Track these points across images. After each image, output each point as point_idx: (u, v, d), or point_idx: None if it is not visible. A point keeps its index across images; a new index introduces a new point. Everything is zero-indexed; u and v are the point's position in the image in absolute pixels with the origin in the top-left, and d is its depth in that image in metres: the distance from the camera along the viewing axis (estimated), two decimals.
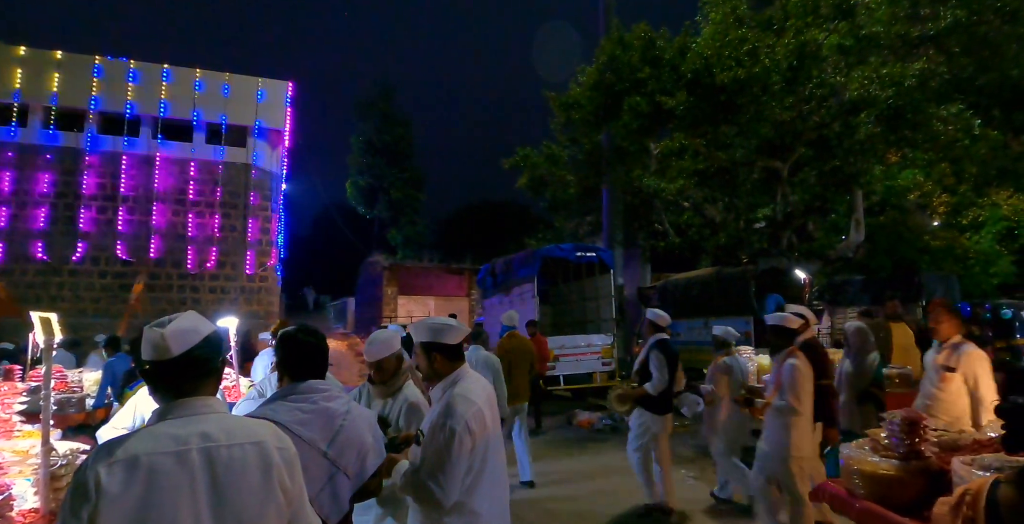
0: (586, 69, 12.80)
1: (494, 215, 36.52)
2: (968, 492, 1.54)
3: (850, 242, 13.20)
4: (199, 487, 1.40)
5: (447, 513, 2.32)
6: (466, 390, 2.43)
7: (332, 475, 2.03)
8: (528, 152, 15.04)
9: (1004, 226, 21.01)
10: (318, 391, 2.12)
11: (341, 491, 2.05)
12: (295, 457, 1.60)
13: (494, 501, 2.46)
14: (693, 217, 14.58)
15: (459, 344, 2.55)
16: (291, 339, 2.25)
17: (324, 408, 2.08)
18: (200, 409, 1.50)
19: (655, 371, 5.37)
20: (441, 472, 2.25)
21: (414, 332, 2.57)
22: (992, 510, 1.43)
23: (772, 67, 9.85)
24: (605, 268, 12.21)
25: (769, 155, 11.73)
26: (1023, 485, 1.41)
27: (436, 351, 2.50)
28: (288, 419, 1.98)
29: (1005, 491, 1.43)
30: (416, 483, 2.30)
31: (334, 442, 2.05)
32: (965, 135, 9.73)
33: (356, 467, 2.11)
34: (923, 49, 10.19)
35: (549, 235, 20.41)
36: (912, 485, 3.15)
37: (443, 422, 2.30)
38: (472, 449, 2.33)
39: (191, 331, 1.55)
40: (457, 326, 2.55)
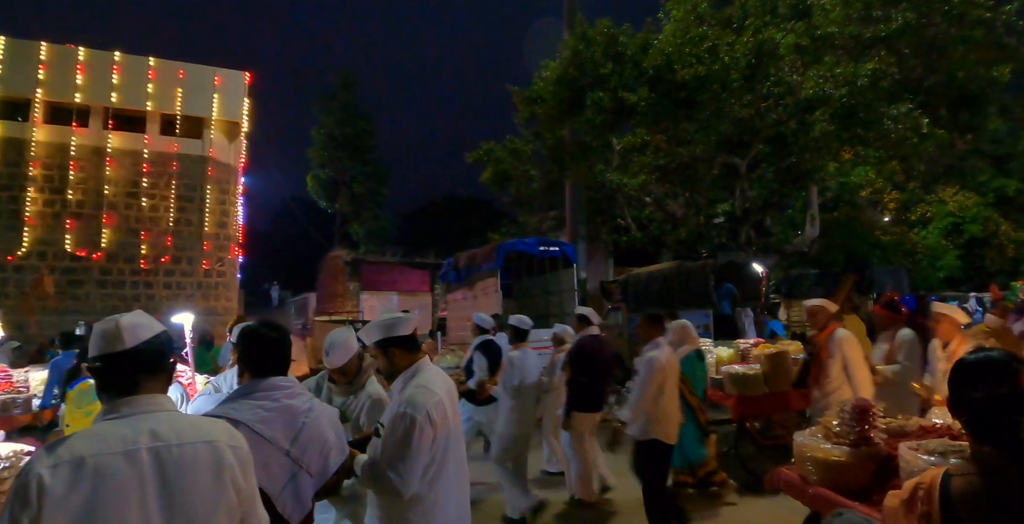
0: (550, 64, 12.82)
1: (458, 210, 36.44)
2: (921, 486, 1.52)
3: (805, 237, 13.55)
4: (148, 488, 1.36)
5: (408, 506, 2.31)
6: (427, 381, 2.43)
7: (295, 474, 2.00)
8: (492, 146, 15.01)
9: (950, 222, 21.88)
10: (280, 388, 2.08)
11: (304, 489, 2.02)
12: (249, 456, 1.57)
13: (455, 493, 2.47)
14: (655, 212, 14.76)
15: (413, 334, 2.54)
16: (253, 334, 2.20)
17: (286, 406, 2.05)
18: (149, 407, 1.46)
19: (476, 369, 6.10)
20: (401, 462, 2.25)
21: (366, 337, 2.55)
22: (946, 503, 1.43)
23: (731, 65, 10.04)
24: (568, 262, 12.28)
25: (728, 151, 11.95)
26: (974, 477, 1.43)
27: (393, 346, 2.49)
28: (250, 417, 1.94)
29: (958, 484, 1.44)
30: (376, 474, 2.29)
31: (297, 440, 2.01)
32: (914, 134, 10.09)
33: (319, 465, 2.08)
34: (875, 50, 10.52)
35: (513, 230, 20.43)
36: (862, 470, 3.27)
37: (404, 412, 2.29)
38: (433, 440, 2.33)
39: (145, 325, 1.53)
40: (405, 317, 2.54)
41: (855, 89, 9.67)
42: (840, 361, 4.75)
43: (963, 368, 1.55)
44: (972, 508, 1.40)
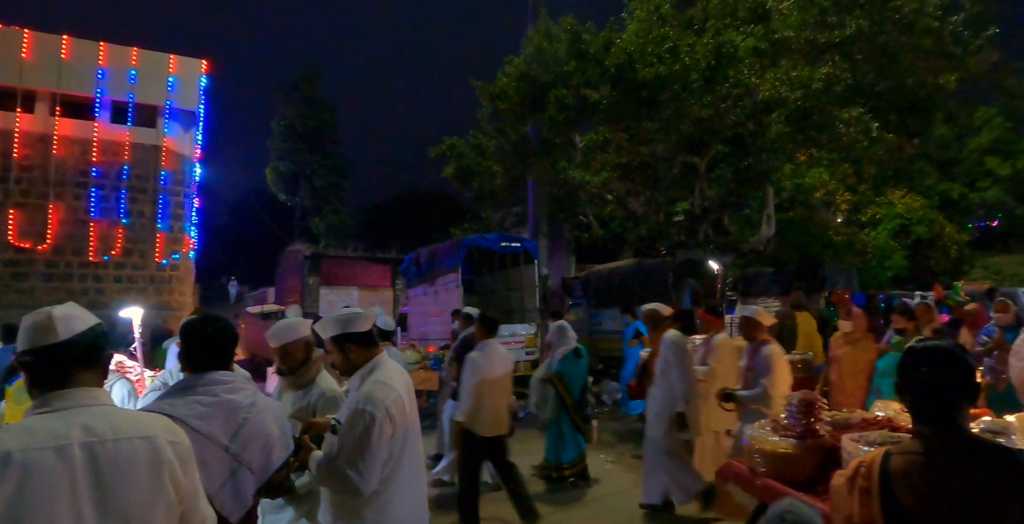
0: (514, 59, 12.81)
1: (421, 204, 36.18)
2: (863, 464, 1.62)
3: (761, 236, 13.87)
4: (81, 485, 1.31)
5: (363, 503, 2.29)
6: (385, 377, 2.41)
7: (234, 470, 1.95)
8: (455, 141, 14.94)
9: (898, 223, 22.68)
10: (220, 383, 2.03)
11: (244, 486, 1.98)
12: (189, 451, 1.53)
13: (411, 490, 2.45)
14: (616, 209, 14.91)
15: (371, 331, 2.52)
16: (193, 328, 2.15)
17: (226, 401, 2.00)
18: (83, 401, 1.41)
19: None
20: (361, 459, 2.22)
21: (322, 330, 2.51)
22: (884, 479, 1.52)
23: (692, 66, 10.20)
24: (530, 258, 12.33)
25: (688, 151, 12.14)
26: (912, 456, 1.53)
27: (349, 342, 2.46)
28: (186, 413, 1.88)
29: (895, 461, 1.54)
30: (334, 472, 2.25)
31: (237, 436, 1.97)
32: (864, 137, 10.41)
33: (261, 461, 2.04)
34: (829, 55, 10.80)
35: (476, 225, 20.39)
36: (807, 462, 3.37)
37: (363, 409, 2.27)
38: (392, 436, 2.32)
39: (79, 317, 1.48)
40: (364, 313, 2.52)
41: (810, 92, 9.93)
42: (664, 361, 5.10)
43: (911, 354, 1.64)
44: (907, 483, 1.50)
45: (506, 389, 4.94)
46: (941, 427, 1.53)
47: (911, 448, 1.57)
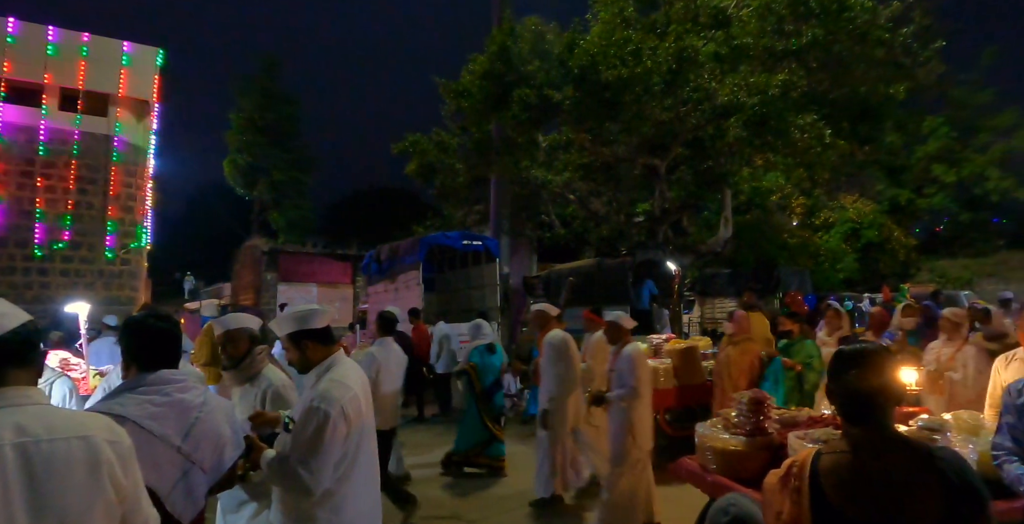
0: (478, 57, 12.78)
1: (383, 201, 35.86)
2: (795, 464, 1.65)
3: (719, 238, 14.15)
4: (12, 487, 1.26)
5: (316, 503, 2.26)
6: (342, 375, 2.39)
7: (186, 470, 1.91)
8: (417, 138, 14.83)
9: (849, 227, 23.45)
10: (171, 382, 1.98)
11: (196, 486, 1.94)
12: (130, 451, 1.49)
13: (365, 491, 2.43)
14: (578, 209, 15.03)
15: (328, 327, 2.49)
16: (139, 325, 2.08)
17: (178, 400, 1.95)
18: (15, 400, 1.36)
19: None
20: (313, 458, 2.19)
21: (278, 328, 2.48)
22: (814, 478, 1.56)
23: (654, 69, 10.33)
24: (491, 257, 12.34)
25: (649, 153, 12.31)
26: (841, 455, 1.57)
27: (306, 339, 2.42)
28: (138, 413, 1.84)
29: (825, 460, 1.58)
30: (285, 470, 2.22)
31: (189, 436, 1.93)
32: (818, 143, 10.71)
33: (213, 461, 2.00)
34: (786, 62, 11.06)
35: (438, 223, 20.30)
36: (756, 458, 3.46)
37: (317, 407, 2.24)
38: (347, 436, 2.29)
39: (9, 314, 1.42)
40: (321, 309, 2.49)
41: (767, 98, 10.17)
42: (544, 360, 5.45)
43: (839, 357, 1.69)
44: (836, 482, 1.54)
45: (397, 385, 5.25)
46: (868, 427, 1.58)
47: (839, 447, 1.61)
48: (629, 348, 4.74)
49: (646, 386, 4.68)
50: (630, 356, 4.67)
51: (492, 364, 6.66)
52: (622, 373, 4.66)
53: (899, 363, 4.49)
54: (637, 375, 4.58)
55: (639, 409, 4.63)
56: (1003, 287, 21.10)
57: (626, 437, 4.59)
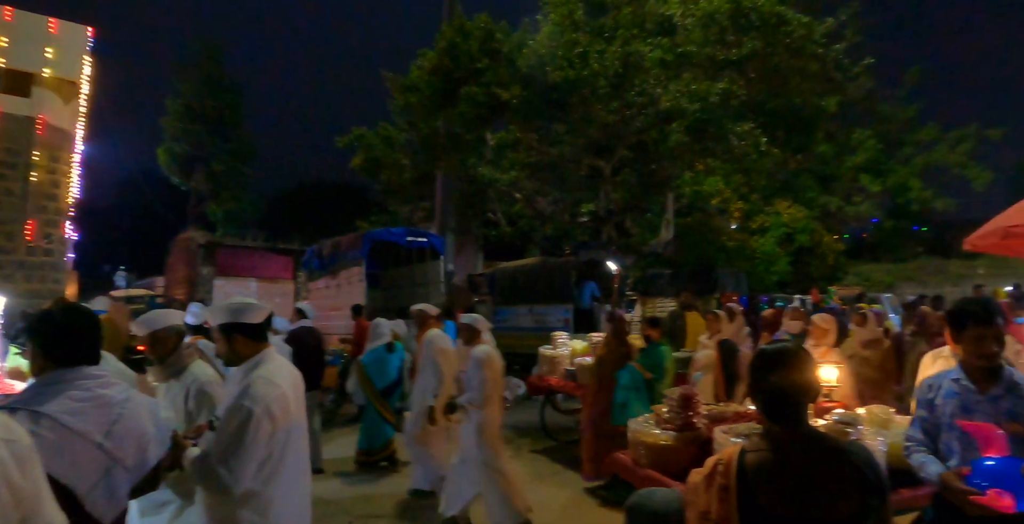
0: (427, 53, 12.70)
1: (326, 195, 35.12)
2: (720, 462, 1.69)
3: (661, 239, 14.50)
4: None
5: (240, 504, 2.20)
6: (269, 373, 2.33)
7: (108, 469, 1.84)
8: (364, 132, 14.63)
9: (783, 232, 24.38)
10: (91, 377, 1.89)
11: (118, 486, 1.86)
12: (30, 450, 1.41)
13: (293, 491, 2.38)
14: (524, 208, 15.12)
15: (262, 324, 2.45)
16: (52, 319, 1.96)
17: (99, 396, 1.87)
18: None
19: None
20: (234, 457, 2.14)
21: (211, 315, 2.42)
22: (741, 476, 1.61)
23: (600, 72, 10.52)
24: (436, 254, 12.29)
25: (595, 154, 12.51)
26: (764, 453, 1.63)
27: (237, 332, 2.36)
28: (56, 409, 1.76)
29: (751, 458, 1.63)
30: (205, 469, 2.16)
31: (111, 433, 1.85)
32: (754, 151, 11.13)
33: (136, 459, 1.93)
34: (727, 71, 11.43)
35: (383, 218, 20.06)
36: (685, 453, 3.58)
37: (241, 405, 2.18)
38: (272, 434, 2.24)
39: None
40: (259, 305, 2.44)
41: (707, 105, 10.50)
42: (423, 358, 5.64)
43: (761, 357, 1.75)
44: (762, 479, 1.59)
45: None
46: (788, 425, 1.64)
47: (762, 446, 1.66)
48: (476, 351, 4.72)
49: (493, 389, 4.63)
50: (476, 359, 4.64)
51: (391, 363, 6.60)
52: (469, 377, 4.68)
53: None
54: (480, 378, 4.56)
55: (487, 412, 4.64)
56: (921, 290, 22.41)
57: (477, 438, 4.64)
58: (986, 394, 2.35)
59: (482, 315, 13.73)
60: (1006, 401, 2.30)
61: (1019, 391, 2.30)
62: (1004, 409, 2.29)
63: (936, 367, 3.94)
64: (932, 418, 2.50)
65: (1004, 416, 2.28)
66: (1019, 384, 2.32)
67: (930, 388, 2.55)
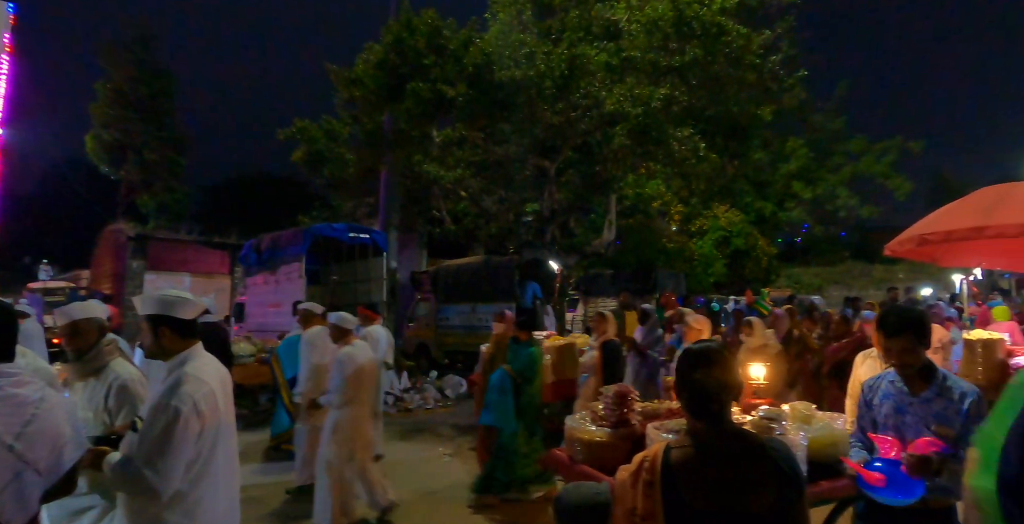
0: (373, 46, 12.52)
1: (267, 188, 34.17)
2: (646, 458, 1.72)
3: (604, 240, 14.75)
4: None
5: (166, 505, 2.12)
6: (197, 369, 2.26)
7: (19, 472, 1.75)
8: (306, 125, 14.30)
9: (720, 235, 25.26)
10: (4, 375, 1.81)
11: (29, 490, 1.78)
12: None
13: (222, 492, 2.32)
14: (469, 206, 15.10)
15: (193, 320, 2.38)
16: None
17: (11, 395, 1.79)
18: None
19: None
20: (160, 458, 2.06)
21: (141, 305, 2.33)
22: (666, 471, 1.65)
23: (546, 73, 10.61)
24: (379, 250, 12.17)
25: (540, 154, 12.61)
26: (688, 449, 1.68)
27: (165, 325, 2.29)
28: None
29: (676, 455, 1.67)
30: (129, 473, 2.08)
31: (23, 434, 1.77)
32: (693, 155, 11.45)
33: (49, 462, 1.84)
34: (669, 77, 11.70)
35: (326, 214, 19.67)
36: (620, 449, 3.65)
37: (167, 403, 2.11)
38: (200, 433, 2.17)
39: None
40: (193, 300, 2.37)
41: (650, 110, 10.72)
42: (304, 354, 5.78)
43: (686, 356, 1.79)
44: (686, 474, 1.64)
45: None
46: (711, 422, 1.69)
47: (686, 442, 1.70)
48: (340, 352, 4.77)
49: (356, 390, 4.68)
50: (339, 360, 4.71)
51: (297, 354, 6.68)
52: (332, 377, 4.74)
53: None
54: (341, 379, 4.62)
55: (347, 411, 4.68)
56: (847, 292, 23.60)
57: (329, 436, 4.68)
58: (917, 396, 2.44)
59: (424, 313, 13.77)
60: (936, 404, 2.39)
61: (949, 394, 2.38)
62: (933, 411, 2.38)
63: (865, 366, 4.15)
64: (870, 417, 2.63)
65: (933, 418, 2.37)
66: (950, 387, 2.40)
67: (870, 389, 2.68)
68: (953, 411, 2.35)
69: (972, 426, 2.26)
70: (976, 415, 2.30)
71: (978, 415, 2.30)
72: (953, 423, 2.33)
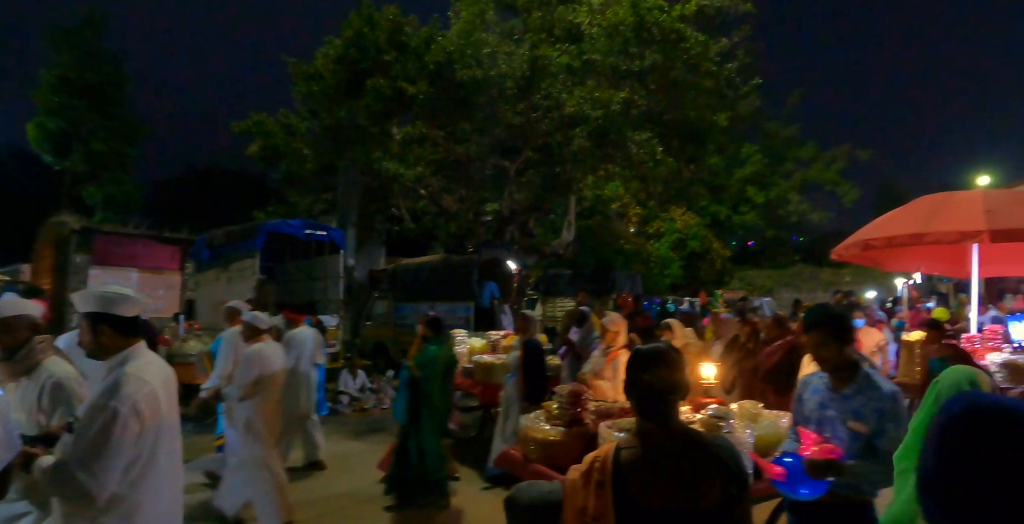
0: (334, 41, 12.34)
1: (221, 182, 33.25)
2: (597, 458, 1.73)
3: (563, 240, 14.86)
4: None
5: (103, 510, 2.04)
6: (139, 369, 2.18)
7: None
8: (262, 118, 13.99)
9: (677, 237, 25.76)
10: None
11: None
12: None
13: (162, 496, 2.24)
14: (429, 205, 15.03)
15: (134, 318, 2.30)
16: None
17: None
18: None
19: None
20: (96, 461, 1.98)
21: (80, 302, 2.25)
22: (617, 471, 1.67)
23: (508, 73, 10.65)
24: (336, 248, 11.99)
25: (500, 154, 12.64)
26: (637, 449, 1.70)
27: (104, 323, 2.20)
28: None
29: (626, 454, 1.69)
30: (64, 477, 1.99)
31: None
32: (651, 159, 11.65)
33: None
34: (629, 81, 11.87)
35: (282, 210, 19.27)
36: (573, 447, 3.70)
37: (105, 404, 2.03)
38: (140, 435, 2.09)
39: None
40: (134, 297, 2.29)
41: (609, 113, 10.86)
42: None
43: (636, 357, 1.82)
44: (636, 474, 1.66)
45: None
46: (659, 422, 1.72)
47: (635, 443, 1.73)
48: (251, 348, 4.81)
49: (261, 386, 4.68)
50: (246, 357, 4.75)
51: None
52: (239, 374, 4.77)
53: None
54: (247, 376, 4.66)
55: (257, 407, 4.69)
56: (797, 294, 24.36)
57: (243, 435, 4.69)
58: (839, 393, 2.55)
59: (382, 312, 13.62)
60: (855, 401, 2.49)
61: (869, 392, 2.48)
62: (851, 408, 2.49)
63: (812, 366, 4.34)
64: (801, 411, 2.74)
65: (850, 414, 2.48)
66: (871, 386, 2.49)
67: (804, 385, 2.80)
68: (870, 409, 2.45)
69: (887, 425, 2.39)
70: (891, 414, 2.41)
71: (893, 414, 2.41)
72: (868, 420, 2.44)
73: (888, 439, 2.37)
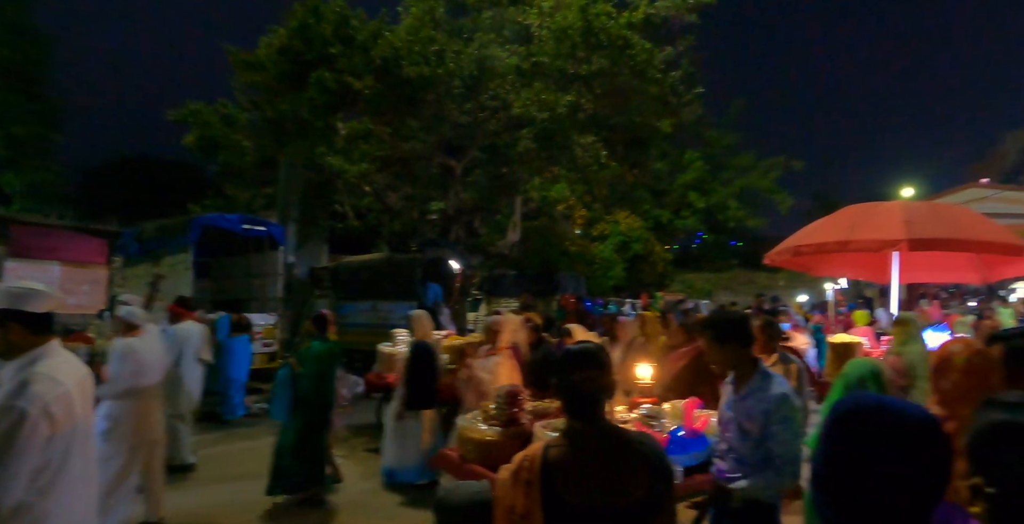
0: (278, 30, 12.00)
1: (154, 172, 31.75)
2: (526, 458, 1.75)
3: (508, 241, 14.91)
4: None
5: (8, 519, 1.95)
6: (50, 368, 2.08)
7: None
8: (199, 107, 13.48)
9: (620, 240, 26.21)
10: None
11: None
12: None
13: (75, 503, 2.14)
14: (374, 202, 14.81)
15: (47, 314, 2.18)
16: None
17: None
18: None
19: None
20: (1, 466, 1.88)
21: None
22: (545, 470, 1.69)
23: (456, 72, 10.60)
24: (275, 244, 11.68)
25: (447, 153, 12.57)
26: (565, 448, 1.73)
27: (13, 320, 2.09)
28: None
29: (553, 453, 1.71)
30: None
31: None
32: (595, 162, 11.82)
33: None
34: (575, 85, 12.01)
35: (220, 203, 18.60)
36: (509, 447, 3.69)
37: (12, 405, 1.93)
38: (50, 439, 2.00)
39: None
40: (45, 293, 2.17)
41: (555, 115, 10.96)
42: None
43: (564, 357, 1.85)
44: (563, 472, 1.68)
45: None
46: (587, 421, 1.75)
47: (563, 441, 1.75)
48: (123, 341, 4.72)
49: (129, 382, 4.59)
50: (116, 352, 4.67)
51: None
52: (111, 370, 4.68)
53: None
54: (118, 372, 4.58)
55: (126, 405, 4.61)
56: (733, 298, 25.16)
57: (112, 431, 4.57)
58: (739, 394, 2.70)
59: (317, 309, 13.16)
60: (748, 402, 2.63)
61: (760, 395, 2.60)
62: (745, 409, 2.63)
63: None
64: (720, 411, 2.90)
65: (744, 415, 2.62)
66: (763, 389, 2.61)
67: (725, 386, 2.93)
68: (758, 411, 2.57)
69: (772, 427, 2.52)
70: (777, 416, 2.53)
71: (779, 416, 2.52)
72: (756, 421, 2.57)
73: (777, 442, 2.50)
